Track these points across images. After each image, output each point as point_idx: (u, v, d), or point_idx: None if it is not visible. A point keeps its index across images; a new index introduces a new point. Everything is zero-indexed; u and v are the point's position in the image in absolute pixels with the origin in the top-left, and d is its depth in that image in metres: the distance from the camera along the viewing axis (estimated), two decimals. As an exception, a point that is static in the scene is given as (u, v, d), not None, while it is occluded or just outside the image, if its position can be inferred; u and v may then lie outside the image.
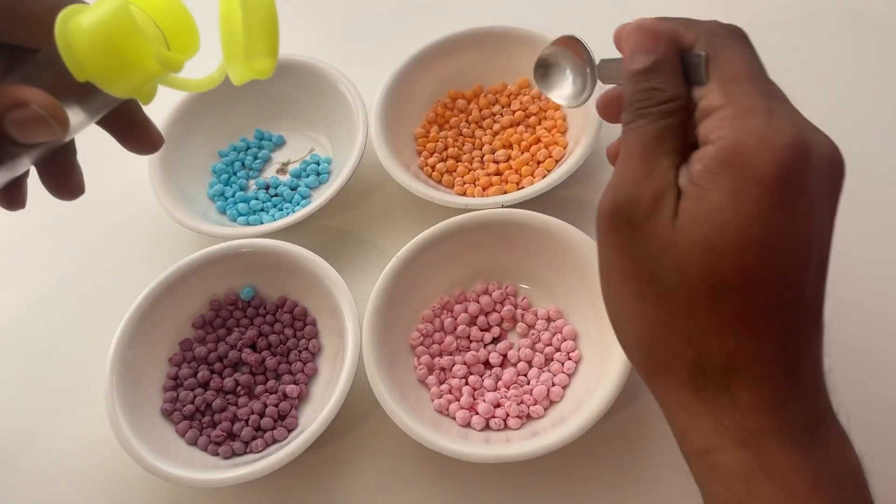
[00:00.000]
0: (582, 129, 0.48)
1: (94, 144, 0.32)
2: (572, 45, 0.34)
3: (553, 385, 0.41)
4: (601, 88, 0.33)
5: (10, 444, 0.46)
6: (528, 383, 0.42)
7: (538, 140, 0.50)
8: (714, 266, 0.25)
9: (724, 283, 0.25)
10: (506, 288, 0.45)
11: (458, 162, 0.51)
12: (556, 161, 0.48)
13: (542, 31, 0.51)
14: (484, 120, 0.53)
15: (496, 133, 0.52)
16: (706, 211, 0.25)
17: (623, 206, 0.26)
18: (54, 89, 0.26)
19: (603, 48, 0.33)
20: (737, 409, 0.25)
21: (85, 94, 0.27)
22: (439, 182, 0.50)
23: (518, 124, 0.51)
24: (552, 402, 0.41)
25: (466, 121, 0.53)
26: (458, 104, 0.54)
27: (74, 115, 0.27)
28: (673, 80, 0.27)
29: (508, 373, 0.42)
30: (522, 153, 0.49)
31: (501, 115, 0.53)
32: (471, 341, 0.44)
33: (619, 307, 0.28)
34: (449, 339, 0.44)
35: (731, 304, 0.25)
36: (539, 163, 0.49)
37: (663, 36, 0.28)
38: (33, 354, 0.50)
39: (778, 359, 0.26)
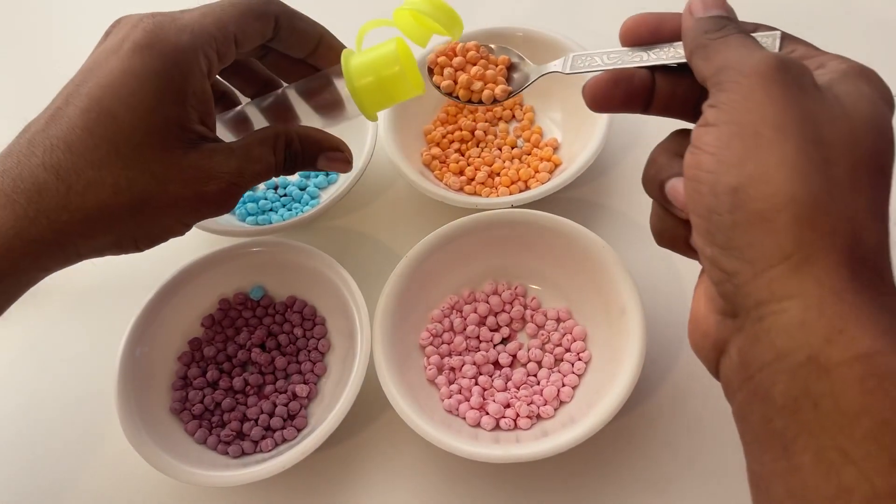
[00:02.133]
0: (590, 130, 0.48)
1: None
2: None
3: (563, 385, 0.41)
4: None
5: (17, 441, 0.46)
6: (538, 384, 0.42)
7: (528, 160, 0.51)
8: (880, 147, 0.24)
9: (883, 167, 0.24)
10: (515, 288, 0.45)
11: (457, 162, 0.51)
12: (550, 172, 0.49)
13: (550, 33, 0.51)
14: (490, 124, 0.53)
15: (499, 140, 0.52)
16: (866, 98, 0.24)
17: (792, 65, 0.25)
18: (322, 105, 0.39)
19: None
20: (892, 311, 0.22)
21: (341, 114, 0.39)
22: (439, 180, 0.50)
23: (513, 147, 0.52)
24: (562, 403, 0.41)
25: (474, 120, 0.53)
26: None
27: (324, 122, 0.40)
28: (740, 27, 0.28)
29: (518, 373, 0.42)
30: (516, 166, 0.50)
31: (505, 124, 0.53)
32: (480, 341, 0.44)
33: (763, 161, 0.23)
34: (458, 339, 0.44)
35: (882, 192, 0.24)
36: (536, 172, 0.49)
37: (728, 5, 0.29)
38: (41, 353, 0.50)
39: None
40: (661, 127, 0.52)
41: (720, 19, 0.27)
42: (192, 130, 0.34)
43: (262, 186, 0.54)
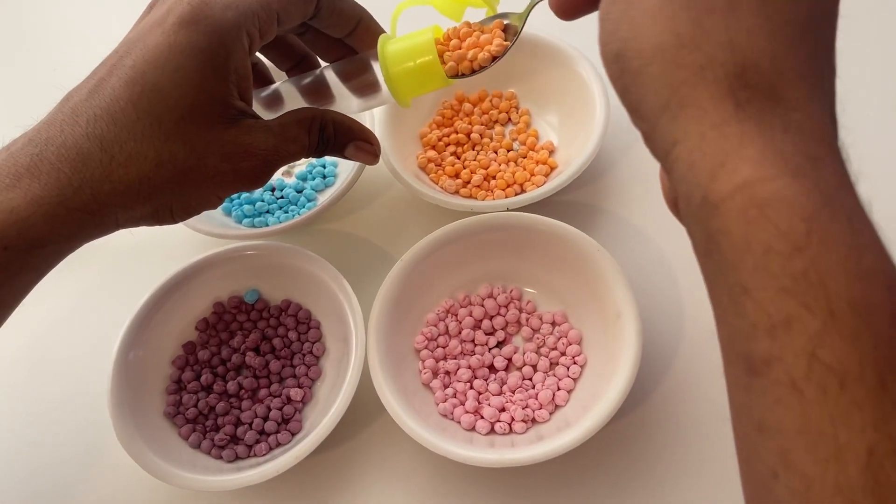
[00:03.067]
0: (586, 133, 0.47)
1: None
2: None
3: (558, 389, 0.41)
4: None
5: (11, 446, 0.46)
6: (534, 387, 0.42)
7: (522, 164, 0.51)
8: None
9: None
10: (511, 291, 0.45)
11: (453, 165, 0.51)
12: (545, 176, 0.49)
13: (550, 37, 0.51)
14: (486, 127, 0.53)
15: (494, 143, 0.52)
16: None
17: None
18: (358, 87, 0.40)
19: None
20: (789, 132, 0.21)
21: (376, 97, 0.40)
22: (435, 183, 0.50)
23: (509, 150, 0.52)
24: (557, 407, 0.41)
25: (469, 123, 0.53)
26: (464, 107, 0.54)
27: (360, 104, 0.40)
28: None
29: (513, 377, 0.42)
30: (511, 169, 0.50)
31: (502, 126, 0.53)
32: (475, 345, 0.44)
33: (633, 20, 0.23)
34: (454, 342, 0.43)
35: (782, 3, 0.22)
36: (532, 175, 0.49)
37: None
38: (35, 356, 0.49)
39: (826, 80, 0.22)
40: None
41: None
42: (233, 106, 0.34)
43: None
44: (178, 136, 0.32)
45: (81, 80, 0.34)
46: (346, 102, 0.41)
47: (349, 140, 0.39)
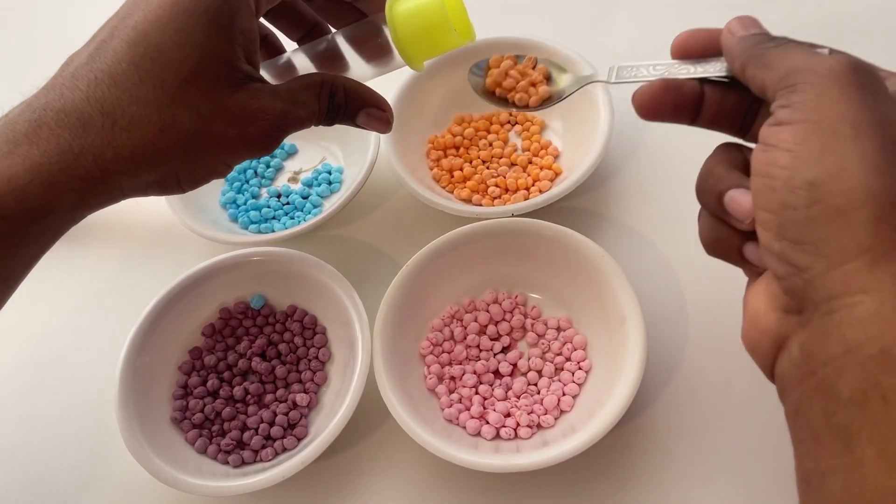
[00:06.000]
0: (591, 139, 0.48)
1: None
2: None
3: (563, 394, 0.41)
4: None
5: (18, 452, 0.46)
6: (538, 393, 0.42)
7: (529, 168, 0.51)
8: None
9: None
10: (515, 297, 0.45)
11: (460, 171, 0.51)
12: (551, 181, 0.49)
13: (555, 44, 0.51)
14: (495, 135, 0.53)
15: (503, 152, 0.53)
16: None
17: (865, 67, 0.25)
18: (369, 52, 0.38)
19: (621, 59, 0.34)
20: None
21: (390, 62, 0.38)
22: (444, 187, 0.50)
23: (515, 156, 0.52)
24: (562, 412, 0.41)
25: (475, 129, 0.53)
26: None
27: (374, 70, 0.39)
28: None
29: (518, 382, 0.42)
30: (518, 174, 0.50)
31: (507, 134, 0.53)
32: (480, 350, 0.44)
33: (845, 160, 0.24)
34: (459, 348, 0.44)
35: None
36: (535, 181, 0.50)
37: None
38: (42, 362, 0.50)
39: None
40: (660, 137, 0.52)
41: (765, 35, 0.28)
42: (239, 69, 0.33)
43: (265, 194, 0.54)
44: (182, 99, 0.31)
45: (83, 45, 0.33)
46: (359, 69, 0.39)
47: (361, 107, 0.37)
